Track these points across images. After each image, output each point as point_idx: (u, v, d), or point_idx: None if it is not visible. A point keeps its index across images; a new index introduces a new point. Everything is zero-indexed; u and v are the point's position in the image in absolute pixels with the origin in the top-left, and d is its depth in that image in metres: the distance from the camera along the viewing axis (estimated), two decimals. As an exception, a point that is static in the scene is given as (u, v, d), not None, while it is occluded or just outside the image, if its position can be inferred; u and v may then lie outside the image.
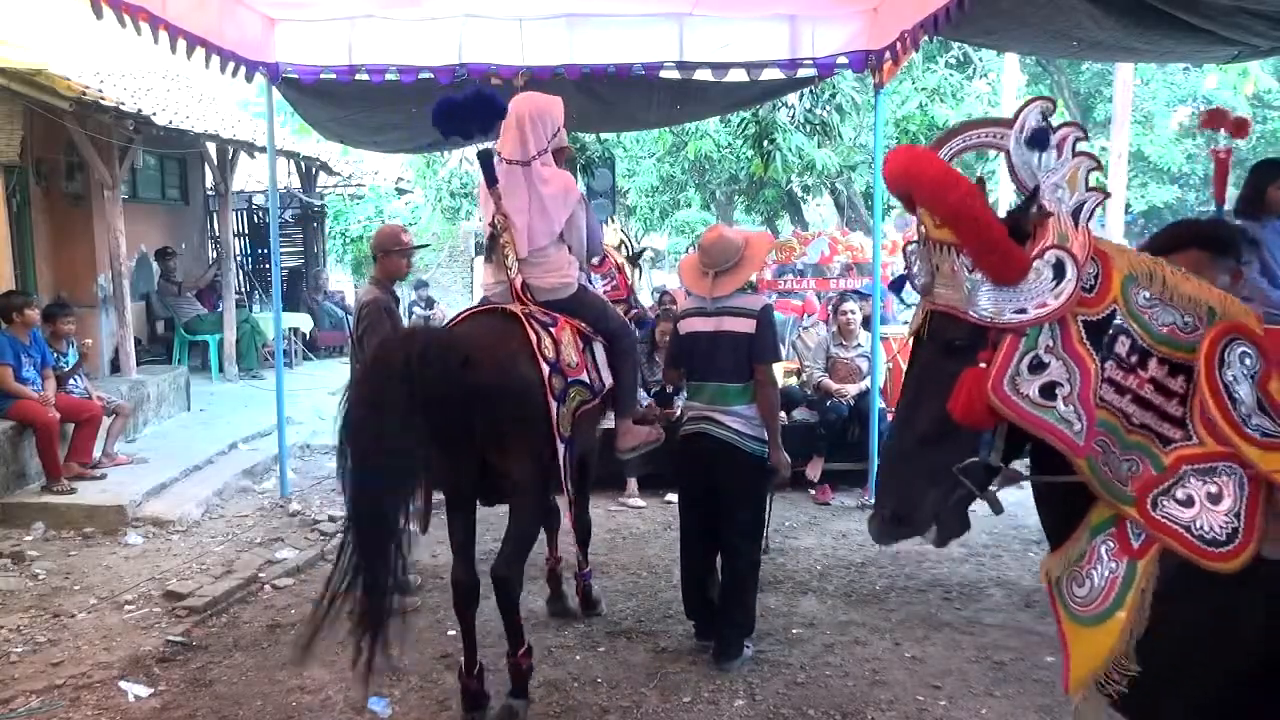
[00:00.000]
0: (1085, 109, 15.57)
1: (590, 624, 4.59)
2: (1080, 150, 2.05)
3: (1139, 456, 2.05)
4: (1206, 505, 1.97)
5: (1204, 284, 2.12)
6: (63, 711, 3.77)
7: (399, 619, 3.28)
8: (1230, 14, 4.12)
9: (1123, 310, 2.05)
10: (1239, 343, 2.02)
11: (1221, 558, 1.93)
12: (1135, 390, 2.04)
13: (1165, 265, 2.13)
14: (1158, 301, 2.07)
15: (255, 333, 11.28)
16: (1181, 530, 1.97)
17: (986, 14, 4.76)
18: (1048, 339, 2.02)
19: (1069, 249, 2.00)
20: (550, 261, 3.93)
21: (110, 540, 5.87)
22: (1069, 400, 2.00)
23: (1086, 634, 2.10)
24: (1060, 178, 2.05)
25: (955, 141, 2.12)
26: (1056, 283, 1.98)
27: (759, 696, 3.88)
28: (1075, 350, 2.02)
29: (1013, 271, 1.99)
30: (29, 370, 6.43)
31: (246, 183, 14.13)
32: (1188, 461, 2.01)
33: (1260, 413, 2.00)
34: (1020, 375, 2.00)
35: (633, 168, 13.76)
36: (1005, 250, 1.98)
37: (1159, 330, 2.06)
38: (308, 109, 6.93)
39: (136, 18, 4.63)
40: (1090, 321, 2.04)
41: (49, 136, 8.35)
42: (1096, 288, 2.05)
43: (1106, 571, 2.08)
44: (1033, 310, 1.99)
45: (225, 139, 10.40)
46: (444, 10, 6.23)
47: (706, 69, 6.62)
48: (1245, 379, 2.00)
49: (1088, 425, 2.00)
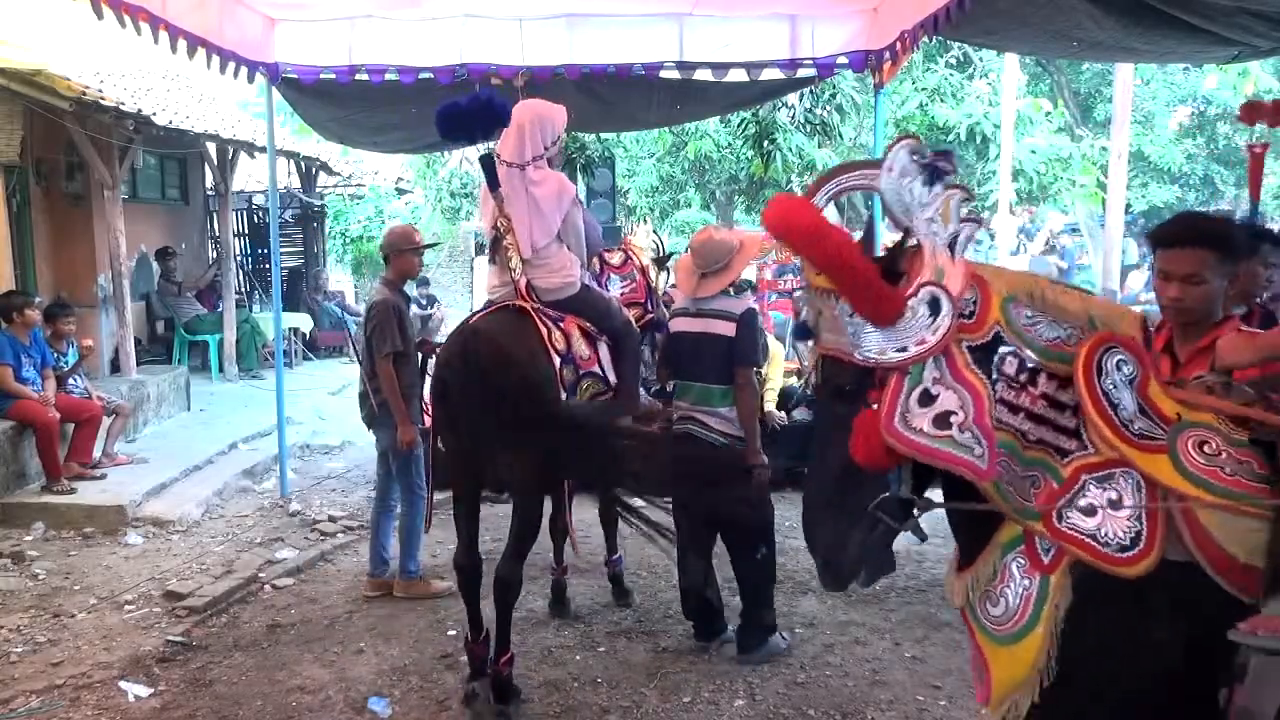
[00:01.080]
0: (1085, 109, 15.56)
1: (590, 624, 4.60)
2: (951, 183, 2.08)
3: (1039, 472, 2.08)
4: (1109, 512, 2.00)
5: (1086, 296, 2.17)
6: (63, 711, 3.78)
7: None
8: (1230, 14, 4.12)
9: (1006, 331, 2.08)
10: (1115, 351, 2.06)
11: (1128, 562, 1.97)
12: (1028, 407, 2.07)
13: (1046, 282, 2.17)
14: (1041, 318, 2.10)
15: (255, 333, 11.28)
16: (1088, 540, 2.00)
17: (986, 14, 4.76)
18: (934, 371, 2.05)
19: (942, 283, 2.03)
20: (553, 262, 3.98)
21: (110, 540, 5.87)
22: (965, 427, 2.02)
23: (1005, 653, 2.12)
24: (934, 211, 2.07)
25: (828, 186, 2.14)
26: (933, 318, 2.02)
27: (759, 696, 3.88)
28: (964, 377, 2.05)
29: (888, 313, 2.02)
30: (29, 370, 6.43)
31: (246, 183, 14.12)
32: (1086, 471, 2.04)
33: (1142, 416, 2.04)
34: (911, 410, 2.03)
35: (633, 168, 13.74)
36: (878, 293, 2.01)
37: (1045, 346, 2.09)
38: (308, 109, 6.93)
39: (136, 18, 4.62)
40: (975, 346, 2.07)
41: (49, 136, 8.35)
42: (976, 313, 2.08)
43: (1020, 589, 2.10)
44: (913, 348, 2.02)
45: (225, 139, 10.39)
46: (444, 10, 6.23)
47: (706, 69, 6.62)
48: (1125, 385, 2.04)
49: (988, 448, 2.03)
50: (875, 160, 2.11)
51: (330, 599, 4.98)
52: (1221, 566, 1.93)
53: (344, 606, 4.87)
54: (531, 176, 3.92)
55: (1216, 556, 1.93)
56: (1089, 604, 2.02)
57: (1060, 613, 2.03)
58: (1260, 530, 1.92)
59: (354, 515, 6.34)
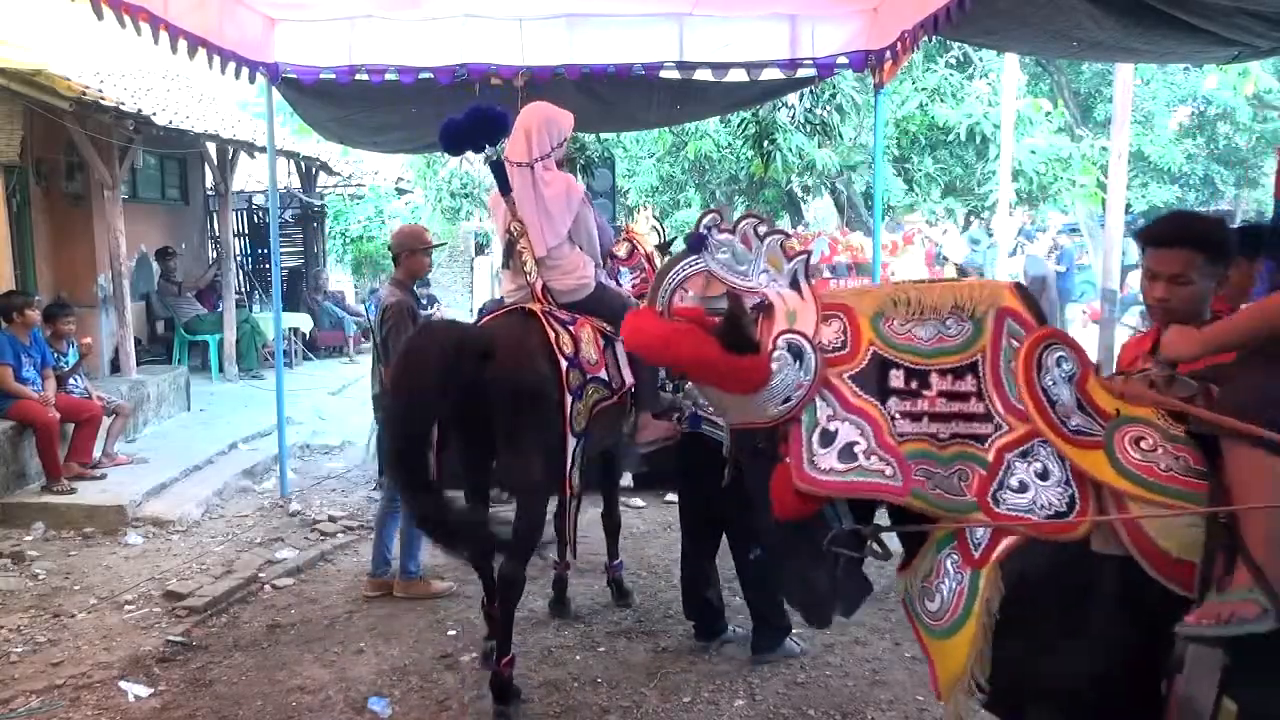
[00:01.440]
0: (1085, 109, 15.54)
1: (590, 624, 4.60)
2: (763, 233, 2.17)
3: (964, 464, 2.12)
4: (1039, 484, 2.04)
5: (948, 283, 2.22)
6: (63, 711, 3.78)
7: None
8: (1230, 14, 4.12)
9: (882, 348, 2.14)
10: (1056, 347, 2.09)
11: (1068, 528, 2.00)
12: (930, 411, 2.12)
13: (908, 285, 2.24)
14: (914, 321, 2.16)
15: (255, 333, 11.28)
16: (1026, 515, 2.04)
17: (986, 14, 4.75)
18: (826, 409, 2.12)
19: (795, 328, 2.12)
20: (566, 263, 4.03)
21: (110, 540, 5.87)
22: (869, 453, 2.08)
23: (944, 646, 2.17)
24: (763, 264, 2.17)
25: (663, 287, 2.22)
26: (799, 363, 2.10)
27: (759, 696, 3.88)
28: (855, 406, 2.12)
29: (755, 379, 2.10)
30: (29, 370, 6.43)
31: (246, 183, 14.13)
32: (1007, 450, 2.08)
33: (1079, 412, 2.07)
34: (815, 453, 2.10)
35: (633, 168, 13.74)
36: (734, 369, 2.11)
37: (928, 347, 2.14)
38: (308, 109, 6.93)
39: (137, 18, 4.62)
40: (856, 374, 2.13)
41: (49, 136, 8.35)
42: (849, 342, 2.15)
43: (953, 584, 2.14)
44: (795, 396, 2.11)
45: (225, 139, 10.39)
46: (444, 10, 6.23)
47: (706, 69, 6.62)
48: (1064, 382, 2.08)
49: (898, 465, 2.08)
50: (689, 249, 2.19)
51: (330, 599, 4.98)
52: (1155, 561, 1.95)
53: (344, 606, 4.87)
54: (541, 175, 3.97)
55: (1150, 551, 1.95)
56: (1021, 598, 2.05)
57: (991, 607, 2.06)
58: (1194, 526, 1.94)
59: (354, 515, 6.34)
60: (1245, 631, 1.84)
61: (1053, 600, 2.04)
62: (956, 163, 12.50)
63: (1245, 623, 1.83)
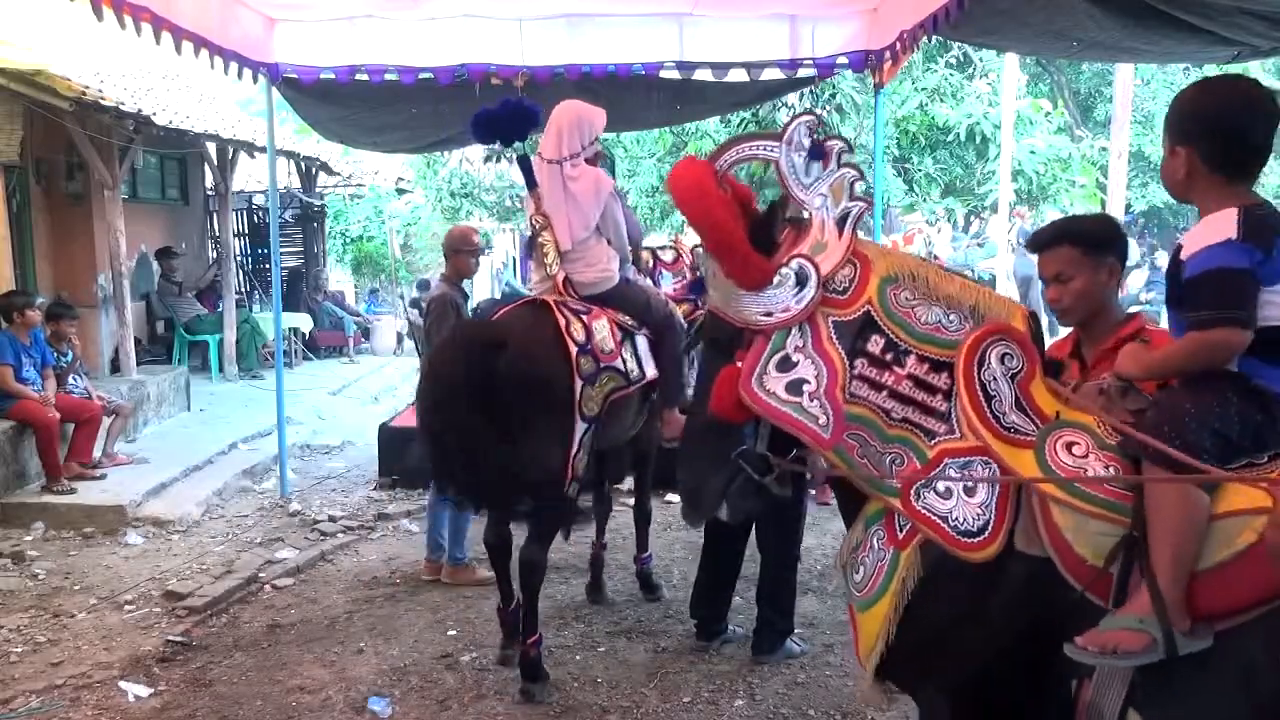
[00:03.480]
0: (1085, 109, 15.56)
1: (590, 624, 4.60)
2: (846, 162, 2.17)
3: (902, 450, 2.13)
4: (963, 497, 2.04)
5: (968, 283, 2.22)
6: (63, 711, 3.78)
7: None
8: (1230, 14, 4.11)
9: (877, 310, 2.15)
10: (1002, 342, 2.09)
11: (974, 548, 2.01)
12: (892, 386, 2.13)
13: (930, 266, 2.24)
14: (920, 301, 2.16)
15: (255, 333, 11.28)
16: (939, 521, 2.05)
17: (986, 14, 4.75)
18: (797, 339, 2.15)
19: (814, 258, 2.14)
20: (590, 255, 4.11)
21: (110, 540, 5.87)
22: (815, 396, 2.12)
23: (864, 617, 2.21)
24: (827, 188, 2.17)
25: (730, 154, 2.22)
26: (799, 290, 2.13)
27: (759, 696, 3.88)
28: (824, 349, 2.14)
29: (754, 277, 2.13)
30: (29, 370, 6.43)
31: (246, 183, 14.12)
32: (949, 455, 2.08)
33: (1018, 410, 2.06)
34: (768, 373, 2.14)
35: (633, 168, 13.72)
36: (744, 258, 2.12)
37: (920, 329, 2.14)
38: (308, 109, 6.92)
39: (137, 18, 4.62)
40: (841, 321, 2.15)
41: (49, 136, 8.35)
42: (850, 290, 2.16)
43: (876, 560, 2.19)
44: (777, 314, 2.14)
45: (225, 139, 10.39)
46: (444, 10, 6.23)
47: (706, 69, 6.62)
48: (1004, 378, 2.07)
49: (834, 419, 2.12)
50: (776, 132, 2.20)
51: (330, 599, 4.98)
52: (1071, 565, 1.96)
53: (344, 606, 4.87)
54: (569, 173, 4.05)
55: (1067, 554, 1.96)
56: (939, 582, 2.07)
57: (906, 587, 2.10)
58: (1111, 536, 1.93)
59: (354, 515, 6.34)
60: (1128, 664, 1.85)
61: (964, 589, 2.05)
62: (956, 163, 12.49)
63: (1130, 656, 1.83)
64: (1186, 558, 1.83)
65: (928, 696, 2.28)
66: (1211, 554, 1.83)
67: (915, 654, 2.12)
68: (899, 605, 2.10)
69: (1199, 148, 1.95)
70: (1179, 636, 1.81)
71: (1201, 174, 1.96)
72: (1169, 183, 2.06)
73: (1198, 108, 1.99)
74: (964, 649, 2.07)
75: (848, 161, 2.17)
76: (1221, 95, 1.98)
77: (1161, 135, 2.04)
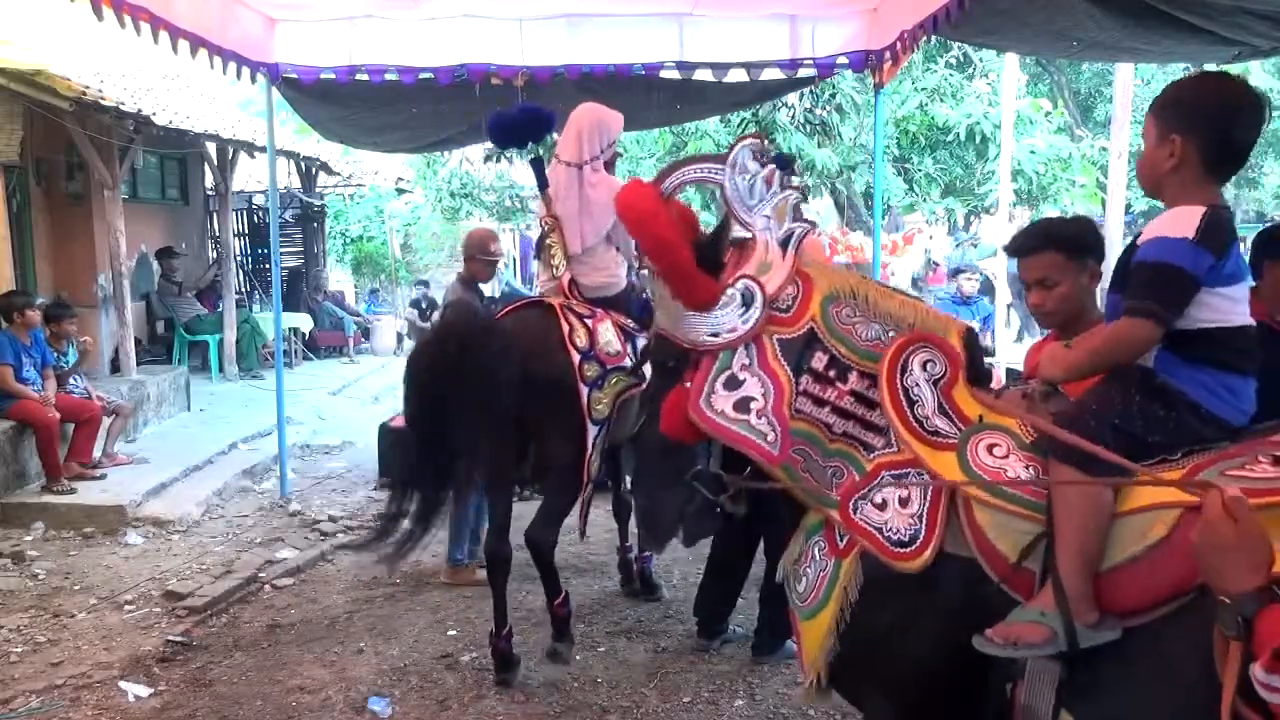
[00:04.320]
0: (1085, 109, 15.54)
1: (590, 624, 4.60)
2: (788, 184, 2.22)
3: (843, 463, 2.18)
4: (897, 508, 2.08)
5: (907, 300, 2.27)
6: (63, 711, 3.78)
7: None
8: (1230, 14, 4.11)
9: (820, 328, 2.20)
10: (924, 349, 2.14)
11: (906, 557, 2.04)
12: (834, 402, 2.17)
13: (871, 284, 2.30)
14: (861, 318, 2.20)
15: (255, 333, 11.28)
16: (874, 532, 2.09)
17: (986, 14, 4.75)
18: (744, 358, 2.19)
19: (758, 278, 2.19)
20: (598, 260, 4.15)
21: (110, 540, 5.87)
22: (762, 413, 2.16)
23: (808, 626, 2.24)
24: (770, 209, 2.22)
25: (675, 176, 2.28)
26: (745, 310, 2.18)
27: (759, 696, 3.88)
28: (770, 367, 2.18)
29: (700, 298, 2.18)
30: (29, 370, 6.43)
31: (246, 183, 14.12)
32: (886, 468, 2.13)
33: (941, 414, 2.10)
34: (716, 392, 2.18)
35: (633, 168, 13.71)
36: (691, 279, 2.17)
37: (861, 345, 2.19)
38: (308, 109, 6.92)
39: (137, 18, 4.62)
40: (785, 340, 2.20)
41: (49, 136, 8.35)
42: (794, 308, 2.21)
43: (818, 570, 2.22)
44: (724, 334, 2.18)
45: (225, 139, 10.39)
46: (444, 10, 6.22)
47: (706, 69, 6.62)
48: (927, 383, 2.12)
49: (781, 436, 2.16)
50: (721, 155, 2.25)
51: (330, 599, 4.98)
52: (995, 564, 1.98)
53: (344, 606, 4.87)
54: (589, 179, 4.08)
55: (990, 552, 1.98)
56: (879, 590, 2.10)
57: (849, 595, 2.13)
58: (1029, 534, 1.95)
59: (354, 515, 6.34)
60: (1029, 655, 1.88)
61: (902, 597, 2.08)
62: (956, 163, 12.50)
63: (1031, 647, 1.86)
64: (1090, 551, 1.85)
65: (874, 706, 2.30)
66: (1123, 548, 1.84)
67: (859, 662, 2.16)
68: (842, 615, 2.14)
69: (1198, 139, 1.91)
70: (1081, 629, 1.83)
71: (1191, 166, 1.92)
72: (1152, 173, 2.00)
73: (1203, 100, 1.95)
74: (906, 656, 2.10)
75: (790, 183, 2.22)
76: (1229, 92, 1.95)
77: (1148, 123, 1.99)
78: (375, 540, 3.66)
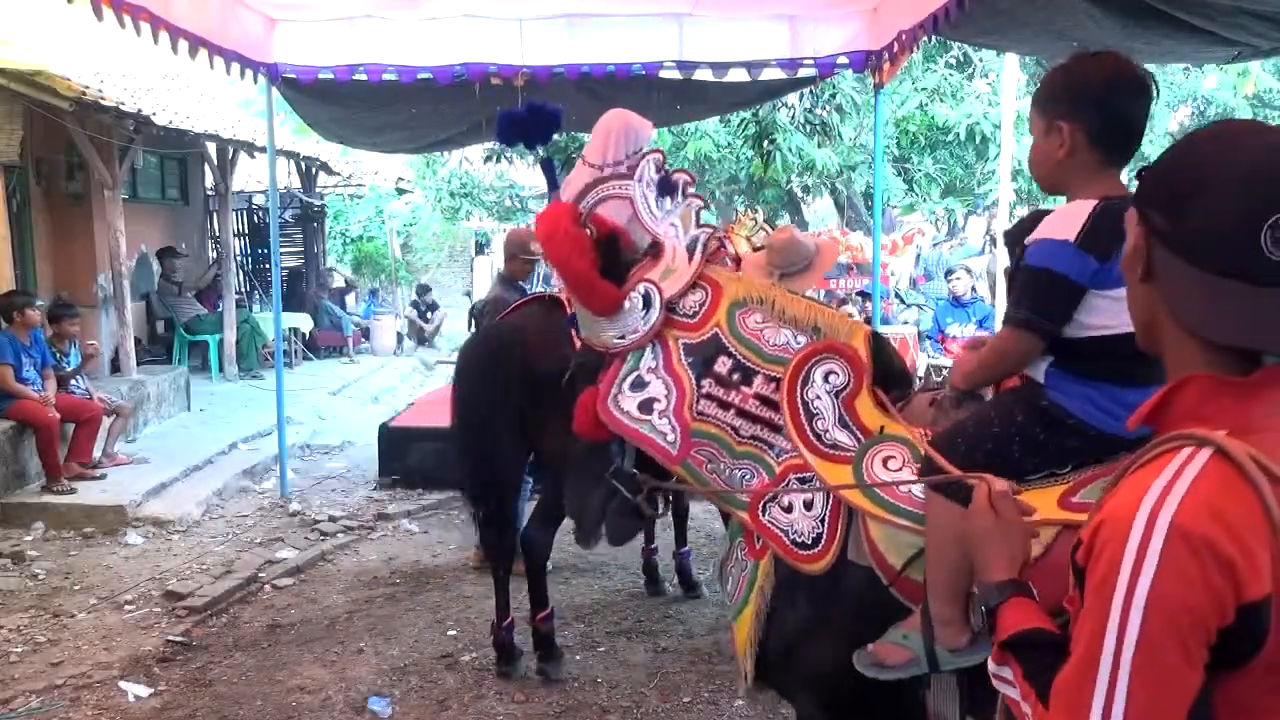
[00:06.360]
0: (1085, 109, 15.55)
1: (590, 624, 4.60)
2: (691, 193, 2.38)
3: (752, 466, 2.22)
4: (802, 511, 2.12)
5: (814, 304, 2.34)
6: (63, 711, 3.78)
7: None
8: (1230, 14, 4.11)
9: (725, 333, 2.27)
10: (827, 360, 2.17)
11: (809, 559, 2.09)
12: (739, 405, 2.23)
13: (779, 289, 2.38)
14: (769, 323, 2.26)
15: (255, 333, 11.27)
16: (780, 534, 2.13)
17: (986, 14, 4.75)
18: (650, 361, 2.28)
19: (658, 283, 2.30)
20: None
21: (110, 540, 5.87)
22: (664, 414, 2.24)
23: (736, 625, 2.30)
24: (677, 217, 2.35)
25: (589, 196, 2.42)
26: (646, 312, 2.29)
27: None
28: (674, 370, 2.27)
29: (603, 303, 2.29)
30: (29, 370, 6.43)
31: (246, 183, 14.12)
32: (794, 471, 2.16)
33: (842, 428, 2.13)
34: (623, 393, 2.28)
35: (632, 168, 13.75)
36: (590, 285, 2.29)
37: (769, 350, 2.24)
38: (307, 109, 6.93)
39: (137, 18, 4.62)
40: (691, 344, 2.28)
41: (49, 136, 8.35)
42: (700, 314, 2.30)
43: (740, 570, 2.28)
44: (629, 336, 2.29)
45: (225, 139, 10.38)
46: (443, 10, 6.23)
47: (706, 69, 6.62)
48: (828, 395, 2.15)
49: (681, 436, 2.23)
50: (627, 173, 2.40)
51: (330, 599, 4.98)
52: (887, 573, 2.01)
53: (344, 606, 4.87)
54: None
55: (882, 563, 2.01)
56: (790, 591, 2.15)
57: (765, 595, 2.18)
58: (913, 547, 1.96)
59: (354, 515, 6.34)
60: (892, 677, 1.89)
61: (811, 599, 2.11)
62: (956, 163, 12.50)
63: (893, 669, 1.88)
64: (956, 575, 1.80)
65: (800, 702, 2.33)
66: None
67: (779, 661, 2.21)
68: (760, 614, 2.18)
69: (1084, 122, 1.77)
70: (941, 652, 1.83)
71: (1082, 151, 1.78)
72: (1044, 167, 1.86)
73: (1083, 81, 1.80)
74: (817, 656, 2.13)
75: (693, 193, 2.36)
76: (1109, 70, 1.79)
77: (1032, 116, 1.87)
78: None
